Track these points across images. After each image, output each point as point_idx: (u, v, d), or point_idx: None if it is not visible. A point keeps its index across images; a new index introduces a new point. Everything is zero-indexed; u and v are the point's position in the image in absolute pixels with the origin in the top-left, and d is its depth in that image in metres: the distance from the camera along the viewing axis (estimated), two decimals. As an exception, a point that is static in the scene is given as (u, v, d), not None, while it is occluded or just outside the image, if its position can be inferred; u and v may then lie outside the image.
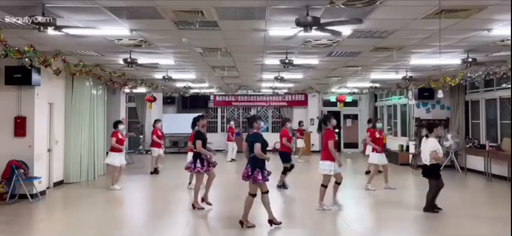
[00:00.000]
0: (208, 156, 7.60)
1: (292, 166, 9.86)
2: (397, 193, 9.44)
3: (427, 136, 7.44)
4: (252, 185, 6.35)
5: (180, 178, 10.62)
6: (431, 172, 7.33)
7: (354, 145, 20.10)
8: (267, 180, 6.36)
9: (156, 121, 12.64)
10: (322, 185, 7.52)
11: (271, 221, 6.36)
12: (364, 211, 8.10)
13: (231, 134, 16.05)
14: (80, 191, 9.65)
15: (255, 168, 6.20)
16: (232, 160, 15.64)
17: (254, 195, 6.37)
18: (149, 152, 18.63)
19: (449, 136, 13.10)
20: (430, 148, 7.23)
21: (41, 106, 8.89)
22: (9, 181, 8.14)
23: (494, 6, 5.27)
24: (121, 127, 9.78)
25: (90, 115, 11.05)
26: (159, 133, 12.40)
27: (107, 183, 10.05)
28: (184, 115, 18.64)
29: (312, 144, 18.95)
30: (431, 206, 7.36)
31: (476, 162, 12.18)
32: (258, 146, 6.18)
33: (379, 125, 10.56)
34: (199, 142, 7.47)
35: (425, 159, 7.31)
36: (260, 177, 6.19)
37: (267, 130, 19.68)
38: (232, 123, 16.87)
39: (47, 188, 9.34)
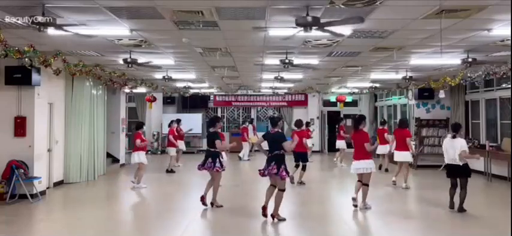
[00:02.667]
0: (226, 150, 8.16)
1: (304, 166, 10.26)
2: (398, 192, 9.46)
3: (454, 137, 7.36)
4: (280, 181, 6.72)
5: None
6: (466, 172, 7.29)
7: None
8: (288, 176, 6.83)
9: (172, 121, 13.34)
10: (365, 184, 7.55)
11: (274, 216, 6.74)
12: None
13: (246, 134, 16.14)
14: (80, 191, 9.66)
15: (281, 165, 6.60)
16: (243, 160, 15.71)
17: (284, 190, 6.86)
18: (149, 152, 18.91)
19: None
20: (461, 147, 7.13)
21: (41, 106, 8.89)
22: (9, 181, 8.15)
23: (494, 6, 5.26)
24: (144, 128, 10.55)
25: (90, 115, 11.05)
26: (176, 133, 12.95)
27: (108, 183, 10.06)
28: (184, 115, 18.63)
29: (312, 144, 18.92)
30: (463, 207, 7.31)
31: (476, 162, 12.14)
32: (288, 143, 6.82)
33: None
34: (218, 142, 7.70)
35: (454, 160, 7.25)
36: (285, 174, 6.62)
37: (267, 129, 19.65)
38: (247, 123, 17.04)
39: (47, 188, 9.34)
